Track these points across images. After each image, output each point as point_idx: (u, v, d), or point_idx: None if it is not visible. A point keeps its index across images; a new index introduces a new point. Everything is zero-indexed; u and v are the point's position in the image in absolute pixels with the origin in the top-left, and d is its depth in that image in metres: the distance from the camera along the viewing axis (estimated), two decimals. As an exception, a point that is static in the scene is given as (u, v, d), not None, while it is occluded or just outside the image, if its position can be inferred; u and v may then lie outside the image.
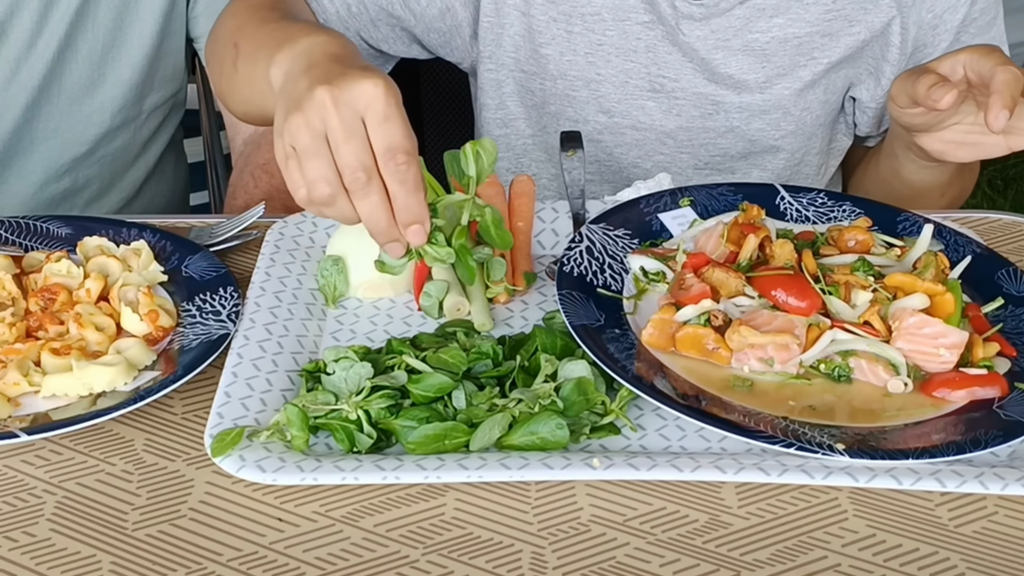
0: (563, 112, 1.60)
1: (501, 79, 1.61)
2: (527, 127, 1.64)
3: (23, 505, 1.01)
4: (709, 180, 1.60)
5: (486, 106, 1.64)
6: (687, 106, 1.55)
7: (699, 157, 1.60)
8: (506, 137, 1.65)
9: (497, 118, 1.64)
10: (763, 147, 1.59)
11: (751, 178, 1.61)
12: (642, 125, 1.58)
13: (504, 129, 1.65)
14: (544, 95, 1.59)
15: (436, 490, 1.02)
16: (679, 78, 1.53)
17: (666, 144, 1.59)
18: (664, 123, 1.57)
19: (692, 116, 1.56)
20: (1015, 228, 1.41)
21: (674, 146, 1.59)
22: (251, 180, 1.69)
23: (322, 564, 0.95)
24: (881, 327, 1.13)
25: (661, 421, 1.09)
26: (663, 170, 1.58)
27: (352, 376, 1.09)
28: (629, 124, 1.58)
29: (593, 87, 1.56)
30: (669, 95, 1.55)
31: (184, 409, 1.12)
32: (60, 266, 1.24)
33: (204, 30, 1.74)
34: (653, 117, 1.57)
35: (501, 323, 1.23)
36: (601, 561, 0.95)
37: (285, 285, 1.25)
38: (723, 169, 1.61)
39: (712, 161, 1.60)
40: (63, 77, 1.67)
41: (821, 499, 1.01)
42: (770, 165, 1.61)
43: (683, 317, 1.14)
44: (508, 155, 1.66)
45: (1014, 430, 1.05)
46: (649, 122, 1.58)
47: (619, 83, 1.56)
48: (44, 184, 1.72)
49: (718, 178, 1.60)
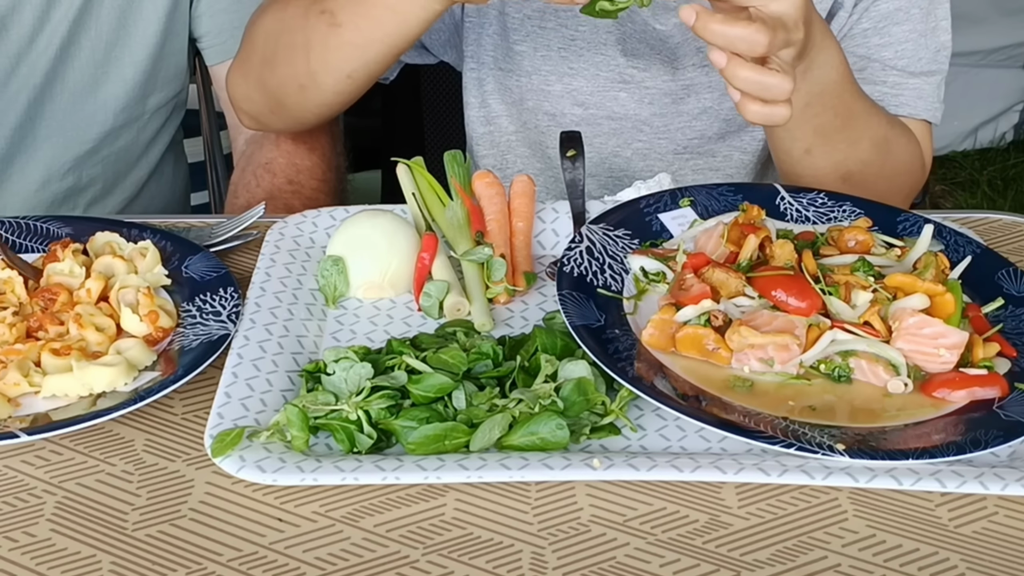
0: (540, 107, 1.63)
1: (482, 77, 1.64)
2: (509, 124, 1.67)
3: (23, 505, 1.01)
4: (690, 163, 1.62)
5: (469, 104, 1.68)
6: (658, 94, 1.57)
7: (677, 142, 1.61)
8: (490, 134, 1.68)
9: (481, 116, 1.68)
10: (739, 125, 1.60)
11: (732, 160, 1.63)
12: (617, 115, 1.61)
13: (488, 127, 1.68)
14: (521, 91, 1.62)
15: (436, 490, 1.02)
16: (648, 67, 1.56)
17: (643, 131, 1.61)
18: (638, 111, 1.60)
19: (664, 103, 1.59)
20: (1015, 228, 1.41)
21: (651, 132, 1.61)
22: (253, 179, 1.69)
23: (322, 564, 0.95)
24: (881, 327, 1.13)
25: (661, 421, 1.09)
26: (643, 158, 1.60)
27: (352, 376, 1.09)
28: (604, 115, 1.60)
29: (567, 81, 1.60)
30: (639, 85, 1.57)
31: (184, 409, 1.12)
32: (63, 266, 1.24)
33: (207, 30, 1.74)
34: (626, 107, 1.60)
35: (501, 323, 1.23)
36: (601, 561, 0.95)
37: (285, 285, 1.25)
38: (703, 152, 1.62)
39: (691, 144, 1.61)
40: (66, 75, 1.67)
41: (821, 499, 1.01)
42: (750, 146, 1.62)
43: (683, 317, 1.14)
44: (493, 152, 1.70)
45: (1014, 430, 1.05)
46: (623, 112, 1.60)
47: (591, 75, 1.59)
48: (47, 183, 1.72)
49: (699, 161, 1.62)
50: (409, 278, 1.27)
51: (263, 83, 1.51)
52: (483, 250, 1.26)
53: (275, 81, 1.49)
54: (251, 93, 1.54)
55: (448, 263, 1.27)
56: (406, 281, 1.27)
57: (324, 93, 1.46)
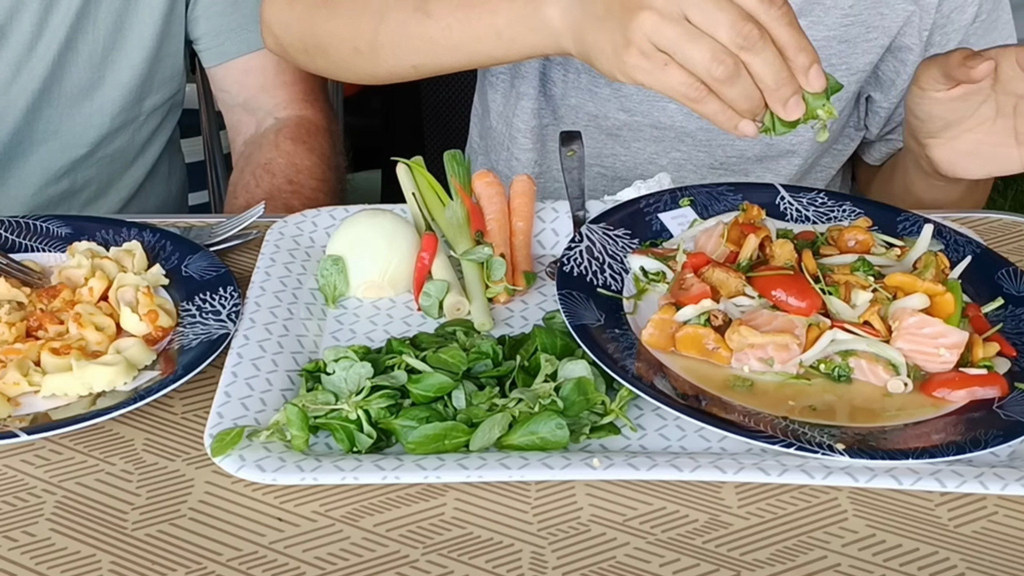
0: (583, 106, 1.57)
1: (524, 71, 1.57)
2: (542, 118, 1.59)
3: (23, 505, 1.01)
4: (723, 179, 1.60)
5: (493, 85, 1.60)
6: None
7: (715, 157, 1.58)
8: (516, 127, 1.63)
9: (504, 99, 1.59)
10: (780, 151, 1.58)
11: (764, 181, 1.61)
12: (661, 124, 1.56)
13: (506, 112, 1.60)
14: (566, 87, 1.56)
15: (436, 490, 1.02)
16: None
17: (684, 143, 1.58)
18: (685, 124, 1.56)
19: None
20: (1015, 228, 1.41)
21: (692, 144, 1.58)
22: (252, 179, 1.69)
23: (322, 564, 0.95)
24: (881, 327, 1.13)
25: (661, 421, 1.09)
26: (678, 168, 1.58)
27: (352, 376, 1.09)
28: (649, 123, 1.56)
29: (616, 86, 1.53)
30: None
31: (184, 409, 1.12)
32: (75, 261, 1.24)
33: (203, 32, 1.74)
34: (674, 118, 1.56)
35: (501, 323, 1.23)
36: (601, 561, 0.95)
37: (285, 285, 1.25)
38: (737, 171, 1.60)
39: (728, 162, 1.59)
40: (63, 79, 1.67)
41: (821, 499, 1.01)
42: (784, 170, 1.60)
43: (683, 317, 1.14)
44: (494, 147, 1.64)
45: (1014, 430, 1.05)
46: (669, 122, 1.56)
47: None
48: (43, 186, 1.72)
49: (731, 178, 1.60)
50: (409, 278, 1.27)
51: (311, 24, 1.39)
52: (483, 250, 1.26)
53: (327, 29, 1.37)
54: (292, 24, 1.42)
55: (448, 263, 1.27)
56: (406, 281, 1.27)
57: (377, 68, 1.35)
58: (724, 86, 1.05)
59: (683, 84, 1.06)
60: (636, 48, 1.06)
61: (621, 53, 1.07)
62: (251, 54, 1.74)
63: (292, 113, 1.75)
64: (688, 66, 1.05)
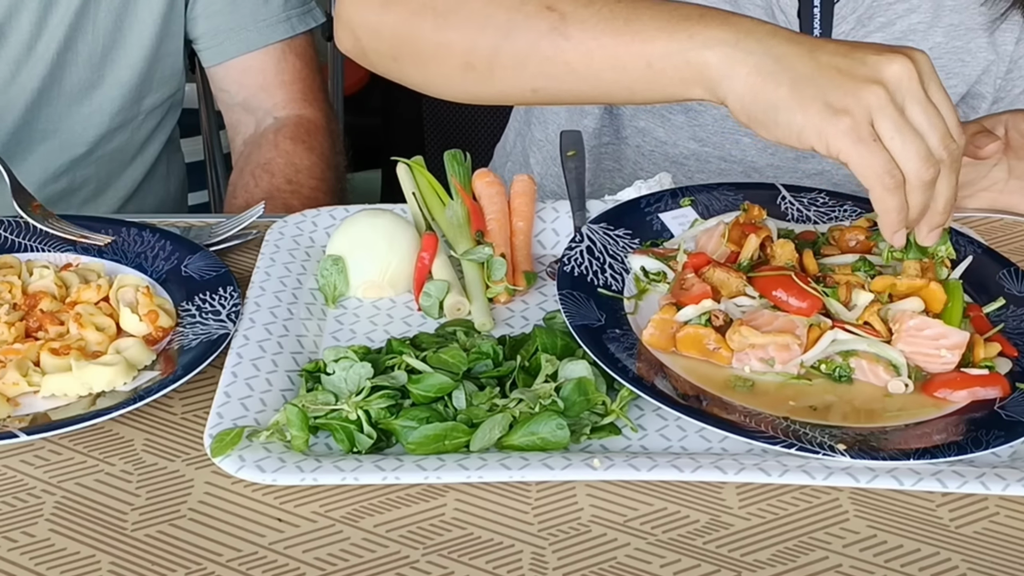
0: (652, 131, 1.53)
1: None
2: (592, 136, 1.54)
3: (22, 505, 1.01)
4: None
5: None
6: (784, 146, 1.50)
7: None
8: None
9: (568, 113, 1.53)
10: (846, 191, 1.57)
11: None
12: (732, 157, 1.54)
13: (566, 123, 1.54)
14: (636, 108, 1.49)
15: (436, 490, 1.02)
16: None
17: (750, 177, 1.54)
18: (756, 159, 1.53)
19: (787, 156, 1.52)
20: (1015, 228, 1.41)
21: (758, 179, 1.55)
22: (251, 179, 1.69)
23: (322, 564, 0.95)
24: (881, 327, 1.12)
25: (662, 421, 1.09)
26: None
27: (352, 376, 1.09)
28: (718, 155, 1.54)
29: (692, 115, 1.50)
30: None
31: (184, 409, 1.12)
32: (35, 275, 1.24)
33: (203, 31, 1.74)
34: (746, 152, 1.53)
35: (501, 323, 1.23)
36: (601, 562, 0.95)
37: (285, 285, 1.25)
38: None
39: None
40: (63, 79, 1.67)
41: (822, 499, 1.01)
42: None
43: (684, 317, 1.13)
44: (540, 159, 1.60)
45: (1015, 430, 1.05)
46: (740, 156, 1.53)
47: (720, 116, 1.49)
48: (42, 186, 1.71)
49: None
50: (409, 278, 1.26)
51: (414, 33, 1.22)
52: (483, 249, 1.26)
53: (436, 40, 1.20)
54: (384, 30, 1.24)
55: (448, 262, 1.27)
56: (406, 281, 1.27)
57: (489, 88, 1.20)
58: (917, 189, 1.03)
59: (885, 168, 1.02)
60: (851, 117, 1.01)
61: (829, 117, 1.02)
62: (250, 53, 1.74)
63: (291, 112, 1.75)
64: (899, 156, 1.02)
